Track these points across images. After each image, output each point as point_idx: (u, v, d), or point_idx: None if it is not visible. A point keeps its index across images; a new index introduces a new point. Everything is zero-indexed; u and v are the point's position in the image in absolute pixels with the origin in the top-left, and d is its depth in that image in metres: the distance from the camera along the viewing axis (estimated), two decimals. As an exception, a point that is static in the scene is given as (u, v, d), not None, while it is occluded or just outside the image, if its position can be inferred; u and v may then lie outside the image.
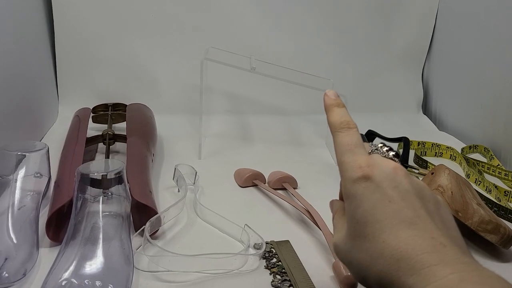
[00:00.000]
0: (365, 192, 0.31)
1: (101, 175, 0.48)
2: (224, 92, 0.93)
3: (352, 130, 0.35)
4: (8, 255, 0.43)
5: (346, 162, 0.33)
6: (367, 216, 0.30)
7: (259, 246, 0.50)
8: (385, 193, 0.30)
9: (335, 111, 0.36)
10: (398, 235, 0.29)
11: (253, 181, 0.65)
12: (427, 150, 0.81)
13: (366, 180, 0.31)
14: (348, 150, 0.33)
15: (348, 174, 0.32)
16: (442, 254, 0.28)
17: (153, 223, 0.49)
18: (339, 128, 0.35)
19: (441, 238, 0.29)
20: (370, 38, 0.98)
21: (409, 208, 0.30)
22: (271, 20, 0.93)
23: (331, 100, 0.37)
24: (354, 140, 0.34)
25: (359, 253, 0.31)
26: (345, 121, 0.35)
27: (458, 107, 0.91)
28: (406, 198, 0.31)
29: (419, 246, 0.28)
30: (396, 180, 0.31)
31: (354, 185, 0.31)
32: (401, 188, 0.31)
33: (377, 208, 0.30)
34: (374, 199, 0.30)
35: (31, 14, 0.77)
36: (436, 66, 1.00)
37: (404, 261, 0.28)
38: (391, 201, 0.30)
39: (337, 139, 0.35)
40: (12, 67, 0.66)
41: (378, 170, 0.31)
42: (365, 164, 0.32)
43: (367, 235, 0.30)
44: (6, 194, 0.50)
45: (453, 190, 0.55)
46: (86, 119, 0.71)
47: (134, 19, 0.88)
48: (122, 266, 0.43)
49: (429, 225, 0.30)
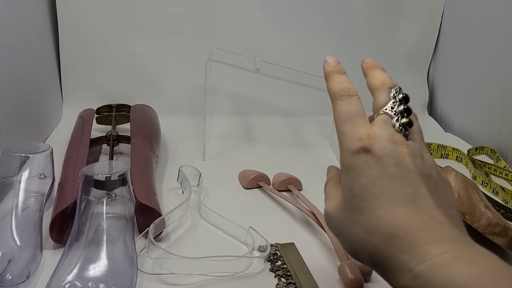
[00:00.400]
0: (364, 165, 0.30)
1: (105, 176, 0.48)
2: (228, 93, 0.93)
3: (353, 98, 0.33)
4: (12, 257, 0.43)
5: (345, 132, 0.31)
6: (365, 190, 0.29)
7: (263, 248, 0.49)
8: (385, 169, 0.29)
9: (335, 78, 0.35)
10: (395, 211, 0.28)
11: (257, 183, 0.64)
12: (432, 151, 0.80)
13: (366, 152, 0.30)
14: (347, 119, 0.31)
15: (347, 145, 0.30)
16: (439, 233, 0.27)
17: (157, 225, 0.49)
18: (338, 96, 0.33)
19: (439, 216, 0.28)
20: (375, 38, 0.97)
21: (409, 185, 0.29)
22: (275, 21, 0.92)
23: (331, 66, 0.36)
24: (354, 109, 0.32)
25: (353, 225, 0.30)
26: (345, 88, 0.33)
27: (464, 108, 0.91)
28: (407, 175, 0.29)
29: (415, 224, 0.28)
30: (397, 156, 0.30)
31: (353, 157, 0.30)
32: (402, 165, 0.30)
33: (376, 184, 0.29)
34: (373, 174, 0.29)
35: (35, 16, 0.77)
36: (442, 67, 0.99)
37: (399, 238, 0.28)
38: (390, 178, 0.29)
39: (336, 108, 0.33)
40: (17, 68, 0.66)
41: (380, 144, 0.30)
42: (365, 135, 0.30)
43: (363, 209, 0.29)
44: (10, 195, 0.50)
45: (459, 192, 0.54)
46: (90, 120, 0.71)
47: (138, 21, 0.88)
48: (126, 269, 0.43)
49: (428, 202, 0.29)
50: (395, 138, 0.30)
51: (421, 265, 0.26)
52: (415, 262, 0.27)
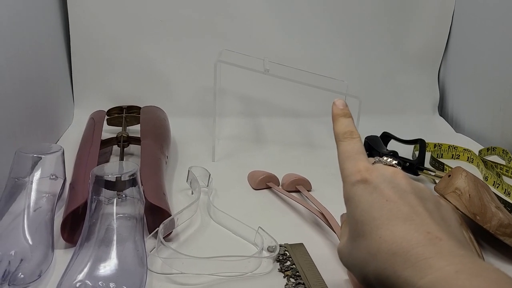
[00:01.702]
0: (363, 193, 0.32)
1: (115, 177, 0.49)
2: (238, 94, 0.93)
3: (355, 140, 0.36)
4: (24, 256, 0.43)
5: (346, 167, 0.34)
6: (364, 215, 0.31)
7: (272, 249, 0.49)
8: (383, 193, 0.31)
9: (341, 121, 0.38)
10: (394, 230, 0.29)
11: (266, 184, 0.64)
12: (443, 152, 0.80)
13: (364, 182, 0.32)
14: (349, 157, 0.35)
15: (348, 178, 0.33)
16: (438, 247, 0.28)
17: (166, 225, 0.49)
18: (342, 137, 0.36)
19: (437, 232, 0.29)
20: (385, 39, 0.97)
21: (406, 205, 0.31)
22: (284, 22, 0.93)
23: (338, 110, 0.39)
24: (355, 148, 0.35)
25: (358, 252, 0.31)
26: (348, 131, 0.36)
27: (476, 109, 0.90)
28: (404, 196, 0.31)
29: (414, 239, 0.28)
30: (394, 181, 0.32)
31: (352, 188, 0.32)
32: (399, 188, 0.32)
33: (374, 207, 0.31)
34: (372, 199, 0.31)
35: (47, 19, 0.78)
36: (453, 67, 0.98)
37: (400, 255, 0.28)
38: (388, 200, 0.31)
39: (339, 147, 0.36)
40: (29, 70, 0.67)
41: (377, 173, 0.32)
42: (364, 168, 0.33)
43: (365, 233, 0.31)
44: (22, 196, 0.50)
45: (470, 193, 0.54)
46: (101, 122, 0.72)
47: (148, 23, 0.89)
48: (136, 268, 0.43)
49: (426, 220, 0.30)
50: (391, 168, 0.33)
51: (423, 279, 0.26)
52: (417, 277, 0.27)
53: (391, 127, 0.81)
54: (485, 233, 0.52)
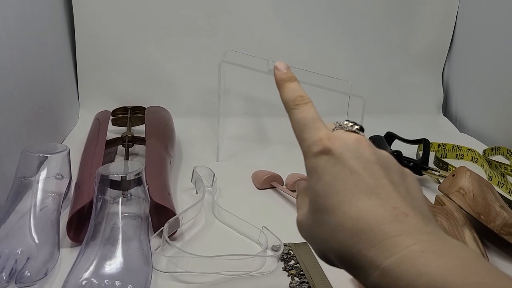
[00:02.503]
0: (326, 165, 0.29)
1: (120, 176, 0.49)
2: (242, 94, 0.93)
3: (308, 105, 0.33)
4: (30, 255, 0.44)
5: (306, 137, 0.31)
6: (327, 189, 0.29)
7: (277, 248, 0.49)
8: (346, 164, 0.29)
9: (287, 87, 0.35)
10: (359, 205, 0.27)
11: (270, 183, 0.65)
12: (447, 152, 0.80)
13: (327, 153, 0.30)
14: (306, 125, 0.32)
15: (309, 148, 0.31)
16: (404, 224, 0.26)
17: (171, 224, 0.49)
18: (293, 105, 0.33)
19: (403, 207, 0.27)
20: (389, 39, 0.97)
21: (371, 177, 0.29)
22: (288, 23, 0.93)
23: (282, 74, 0.35)
24: (310, 115, 0.32)
25: (320, 226, 0.29)
26: (298, 96, 0.33)
27: (480, 108, 0.90)
28: (368, 168, 0.29)
29: (380, 216, 0.27)
30: (358, 151, 0.30)
31: (315, 159, 0.30)
32: (363, 158, 0.29)
33: (338, 180, 0.29)
34: (335, 171, 0.29)
35: (52, 20, 0.78)
36: (457, 67, 0.98)
37: (365, 232, 0.27)
38: (352, 172, 0.29)
39: (293, 117, 0.33)
40: (34, 71, 0.67)
41: (339, 142, 0.30)
42: (325, 137, 0.30)
43: (328, 208, 0.29)
44: (28, 195, 0.51)
45: (474, 192, 0.54)
46: (106, 122, 0.72)
47: (153, 24, 0.89)
48: (141, 267, 0.43)
49: (392, 193, 0.28)
50: (353, 135, 0.31)
51: (388, 260, 0.25)
52: (382, 256, 0.25)
53: (395, 127, 0.80)
54: (489, 233, 0.52)
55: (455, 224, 0.50)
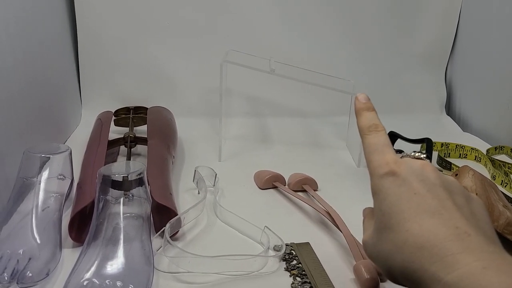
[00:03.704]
0: (391, 185, 0.32)
1: (122, 176, 0.49)
2: (244, 94, 0.93)
3: (380, 133, 0.36)
4: (32, 255, 0.44)
5: (374, 160, 0.34)
6: (392, 207, 0.31)
7: (279, 248, 0.49)
8: (411, 186, 0.31)
9: (364, 115, 0.37)
10: (422, 223, 0.29)
11: (273, 183, 0.65)
12: (451, 151, 0.79)
13: (392, 175, 0.32)
14: (375, 149, 0.34)
15: (376, 171, 0.33)
16: (466, 242, 0.27)
17: (173, 224, 0.49)
18: (367, 131, 0.36)
19: (466, 227, 0.28)
20: (392, 38, 0.97)
21: (434, 198, 0.30)
22: (290, 22, 0.93)
23: (361, 104, 0.38)
24: (381, 141, 0.35)
25: (385, 244, 0.31)
26: (373, 124, 0.36)
27: (483, 108, 0.89)
28: (432, 190, 0.31)
29: (442, 234, 0.28)
30: (423, 174, 0.32)
31: (381, 180, 0.32)
32: (428, 181, 0.31)
33: (402, 200, 0.31)
34: (400, 191, 0.31)
35: (54, 20, 0.78)
36: (460, 66, 0.98)
37: (427, 249, 0.28)
38: (416, 193, 0.31)
39: (365, 141, 0.36)
40: (37, 72, 0.67)
41: (405, 165, 0.32)
42: (392, 161, 0.33)
43: (392, 226, 0.30)
44: (30, 195, 0.51)
45: (477, 191, 0.53)
46: (108, 122, 0.73)
47: (154, 24, 0.89)
48: (142, 267, 0.43)
49: (454, 214, 0.29)
50: (419, 161, 0.33)
51: (450, 275, 0.26)
52: (444, 272, 0.26)
53: (398, 126, 0.80)
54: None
55: (458, 223, 0.50)
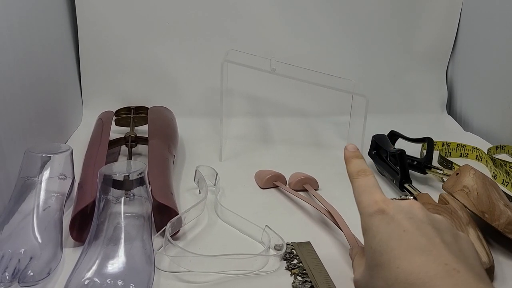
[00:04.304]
0: (380, 223, 0.33)
1: (123, 176, 0.49)
2: (245, 94, 0.93)
3: (369, 176, 0.37)
4: (33, 255, 0.44)
5: (363, 200, 0.35)
6: (383, 245, 0.32)
7: (279, 247, 0.49)
8: (400, 223, 0.32)
9: (353, 162, 0.40)
10: (412, 261, 0.30)
11: (273, 183, 0.65)
12: (452, 150, 0.79)
13: (381, 213, 0.33)
14: (364, 190, 0.36)
15: (365, 210, 0.34)
16: (455, 279, 0.28)
17: (174, 224, 0.49)
18: (356, 175, 0.38)
19: (455, 264, 0.29)
20: (393, 37, 0.97)
21: (423, 236, 0.31)
22: (290, 21, 0.93)
23: (350, 153, 0.41)
24: (370, 183, 0.36)
25: (376, 281, 0.32)
26: (362, 169, 0.38)
27: (484, 107, 0.89)
28: (421, 227, 0.32)
29: (432, 271, 0.29)
30: (411, 212, 0.33)
31: (370, 218, 0.33)
32: (416, 219, 0.32)
33: (392, 237, 0.32)
34: (389, 229, 0.32)
35: (55, 20, 0.78)
36: (461, 65, 0.97)
37: (418, 286, 0.29)
38: (405, 231, 0.32)
39: (355, 184, 0.38)
40: (38, 72, 0.67)
41: (393, 204, 0.34)
42: (381, 199, 0.34)
43: (383, 263, 0.31)
44: (31, 195, 0.51)
45: (478, 190, 0.53)
46: (109, 122, 0.73)
47: (155, 24, 0.89)
48: (143, 266, 0.43)
49: (443, 251, 0.30)
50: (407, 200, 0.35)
51: None
52: None
53: (399, 126, 0.80)
54: (493, 231, 0.51)
55: (459, 223, 0.50)
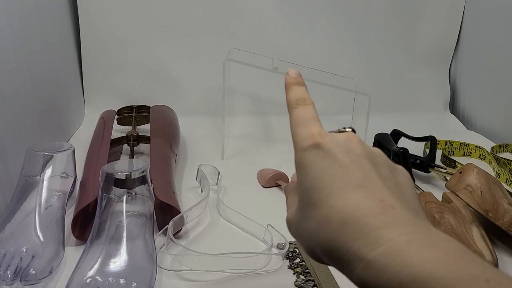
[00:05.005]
0: (315, 159, 0.29)
1: (125, 175, 0.49)
2: (247, 93, 0.93)
3: (308, 106, 0.34)
4: (35, 253, 0.44)
5: (299, 133, 0.32)
6: (316, 182, 0.29)
7: (282, 246, 0.49)
8: (336, 158, 0.29)
9: (294, 89, 0.36)
10: (346, 198, 0.27)
11: (276, 182, 0.64)
12: (455, 149, 0.79)
13: (317, 147, 0.30)
14: (302, 123, 0.32)
15: (300, 143, 0.31)
16: (391, 216, 0.26)
17: (176, 222, 0.49)
18: (295, 104, 0.34)
19: (391, 200, 0.27)
20: (395, 36, 0.96)
21: (359, 171, 0.29)
22: (293, 20, 0.92)
23: (292, 78, 0.36)
24: (308, 114, 0.33)
25: (308, 222, 0.29)
26: (301, 98, 0.35)
27: (487, 105, 0.89)
28: (357, 162, 0.29)
29: (366, 209, 0.26)
30: (348, 146, 0.30)
31: (304, 153, 0.30)
32: (352, 153, 0.30)
33: (326, 173, 0.29)
34: (324, 165, 0.29)
35: (57, 20, 0.78)
36: (464, 64, 0.97)
37: (350, 224, 0.26)
38: (341, 166, 0.29)
39: (292, 114, 0.34)
40: (40, 71, 0.67)
41: (330, 138, 0.30)
42: (317, 133, 0.31)
43: (316, 202, 0.28)
44: (33, 194, 0.51)
45: (482, 189, 0.53)
46: (111, 121, 0.73)
47: (157, 23, 0.89)
48: (145, 265, 0.43)
49: (379, 187, 0.28)
50: (344, 133, 0.32)
51: (373, 251, 0.25)
52: (367, 249, 0.25)
53: (401, 124, 0.80)
54: (497, 230, 0.51)
55: (462, 221, 0.50)
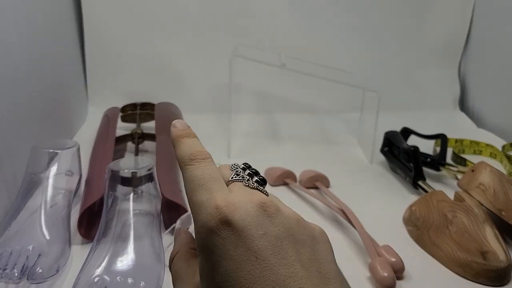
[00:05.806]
0: (224, 245, 0.24)
1: (131, 173, 0.48)
2: (253, 90, 0.92)
3: (205, 161, 0.28)
4: (42, 251, 0.43)
5: (199, 201, 0.26)
6: (230, 280, 0.24)
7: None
8: (251, 246, 0.24)
9: (184, 142, 0.29)
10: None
11: (284, 180, 0.63)
12: (465, 147, 0.78)
13: (226, 225, 0.24)
14: (200, 185, 0.26)
15: (203, 218, 0.25)
16: None
17: (183, 221, 0.48)
18: (188, 160, 0.28)
19: None
20: (405, 32, 0.95)
21: (281, 265, 0.24)
22: (300, 16, 0.91)
23: (180, 130, 0.30)
24: (207, 173, 0.27)
25: None
26: (196, 151, 0.28)
27: (498, 103, 0.88)
28: (277, 249, 0.24)
29: None
30: (263, 224, 0.25)
31: (211, 234, 0.24)
32: (269, 235, 0.25)
33: (242, 268, 0.24)
34: (237, 255, 0.24)
35: (61, 17, 0.78)
36: (474, 61, 0.96)
37: None
38: (258, 258, 0.24)
39: (185, 174, 0.28)
40: (44, 69, 0.67)
41: (241, 211, 0.25)
42: (223, 203, 0.25)
43: None
44: (38, 192, 0.50)
45: (495, 188, 0.52)
46: (115, 119, 0.72)
47: (162, 20, 0.89)
48: (153, 264, 0.42)
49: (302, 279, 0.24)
50: (255, 197, 0.26)
51: None
52: None
53: (411, 122, 0.79)
54: (511, 229, 0.50)
55: (475, 220, 0.49)
